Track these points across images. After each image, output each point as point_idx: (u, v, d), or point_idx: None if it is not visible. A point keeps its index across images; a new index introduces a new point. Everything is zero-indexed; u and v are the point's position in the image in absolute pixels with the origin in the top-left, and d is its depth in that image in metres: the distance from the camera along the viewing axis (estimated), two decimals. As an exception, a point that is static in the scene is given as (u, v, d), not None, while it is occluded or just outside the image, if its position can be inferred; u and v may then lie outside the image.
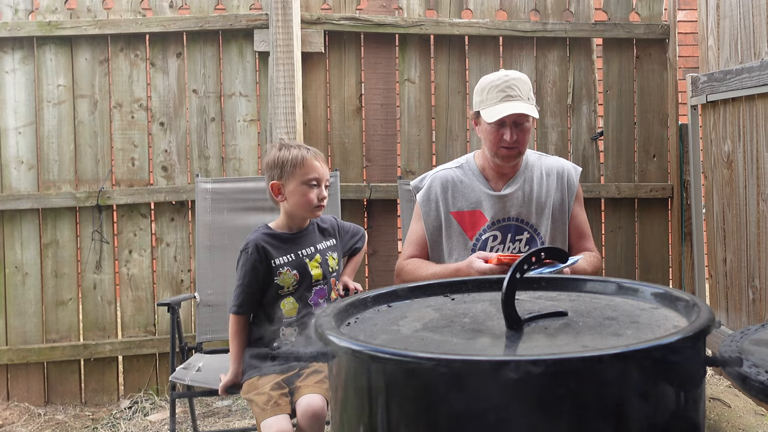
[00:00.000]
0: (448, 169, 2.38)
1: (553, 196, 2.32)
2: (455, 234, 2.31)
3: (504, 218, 2.29)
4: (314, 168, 2.11)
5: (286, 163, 2.11)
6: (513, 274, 1.15)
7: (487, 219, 2.28)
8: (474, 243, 2.29)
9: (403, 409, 1.01)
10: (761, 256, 2.83)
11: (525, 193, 2.30)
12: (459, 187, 2.33)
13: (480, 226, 2.28)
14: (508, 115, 2.15)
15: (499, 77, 2.23)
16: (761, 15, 2.78)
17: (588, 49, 3.57)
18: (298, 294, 2.14)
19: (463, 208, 2.31)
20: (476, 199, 2.30)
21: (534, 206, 2.30)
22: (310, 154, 2.13)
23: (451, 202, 2.32)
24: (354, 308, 1.32)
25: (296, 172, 2.10)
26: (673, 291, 1.28)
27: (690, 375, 1.04)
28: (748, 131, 2.91)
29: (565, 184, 2.34)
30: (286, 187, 2.12)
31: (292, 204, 2.13)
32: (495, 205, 2.28)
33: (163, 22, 3.35)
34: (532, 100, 2.24)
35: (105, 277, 3.39)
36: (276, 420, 1.93)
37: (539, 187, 2.32)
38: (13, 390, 3.36)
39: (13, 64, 3.36)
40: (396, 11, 3.58)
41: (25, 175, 3.36)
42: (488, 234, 2.28)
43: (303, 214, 2.16)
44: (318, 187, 2.12)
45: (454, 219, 2.31)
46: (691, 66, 5.08)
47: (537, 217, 2.30)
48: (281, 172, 2.12)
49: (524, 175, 2.32)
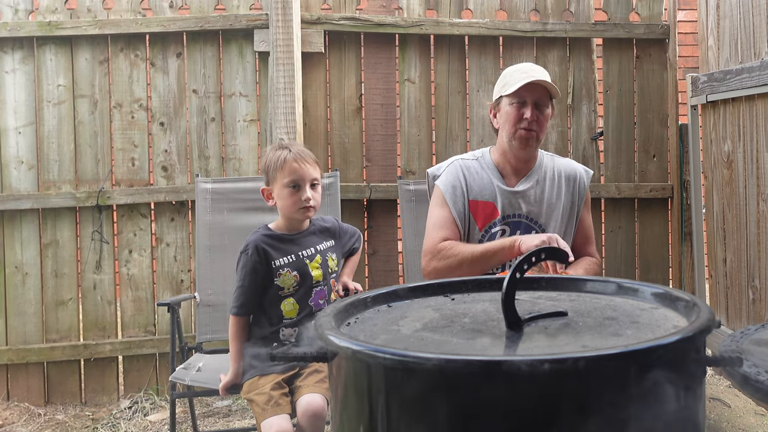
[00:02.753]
0: (467, 159, 2.39)
1: (564, 198, 2.32)
2: (470, 223, 2.32)
3: (515, 214, 2.29)
4: (293, 170, 2.08)
5: (269, 167, 2.11)
6: (513, 274, 1.15)
7: (498, 213, 2.29)
8: (482, 234, 2.29)
9: (403, 409, 1.01)
10: (761, 256, 2.83)
11: (537, 193, 2.31)
12: (476, 177, 2.33)
13: (491, 218, 2.29)
14: (530, 93, 2.20)
15: (521, 65, 2.29)
16: (761, 15, 2.78)
17: (588, 49, 3.57)
18: (298, 295, 2.13)
19: (478, 198, 2.31)
20: (491, 192, 2.30)
21: (545, 206, 2.30)
22: (291, 156, 2.09)
23: (470, 191, 2.32)
24: (354, 308, 1.32)
25: (277, 176, 2.10)
26: (673, 291, 1.28)
27: (690, 375, 1.04)
28: (748, 131, 2.91)
29: (577, 188, 2.35)
30: (273, 191, 2.13)
31: (280, 207, 2.13)
32: (507, 200, 2.29)
33: (163, 22, 3.35)
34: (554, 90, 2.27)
35: (105, 277, 3.39)
36: (276, 420, 1.93)
37: (551, 189, 2.32)
38: (13, 390, 3.36)
39: (13, 64, 3.36)
40: (396, 11, 3.58)
41: (25, 175, 3.36)
42: (498, 228, 2.28)
43: (292, 216, 2.14)
44: (300, 189, 2.09)
45: (469, 207, 2.31)
46: (691, 66, 5.08)
47: (546, 217, 2.30)
48: (267, 176, 2.13)
49: (538, 174, 2.33)
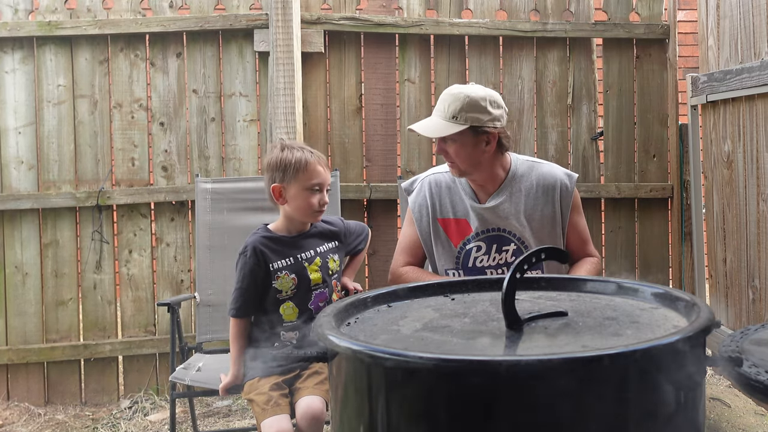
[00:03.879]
0: (439, 174, 2.32)
1: (543, 208, 2.23)
2: (442, 241, 2.27)
3: (489, 229, 2.23)
4: (317, 173, 2.07)
5: (289, 166, 2.06)
6: (513, 274, 1.15)
7: (472, 229, 2.23)
8: (458, 251, 2.24)
9: (403, 409, 1.01)
10: (761, 256, 2.83)
11: (511, 205, 2.22)
12: (447, 194, 2.27)
13: (465, 235, 2.24)
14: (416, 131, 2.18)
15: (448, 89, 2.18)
16: (761, 15, 2.78)
17: (588, 49, 3.57)
18: (297, 298, 2.11)
19: (449, 216, 2.26)
20: (463, 208, 2.25)
21: (522, 218, 2.22)
22: (313, 158, 2.08)
23: (439, 209, 2.27)
24: (354, 308, 1.32)
25: (299, 177, 2.06)
26: (673, 291, 1.28)
27: (690, 375, 1.04)
28: (748, 131, 2.91)
29: (558, 195, 2.23)
30: (288, 190, 2.08)
31: (292, 208, 2.10)
32: (480, 217, 2.22)
33: (163, 22, 3.35)
34: (464, 120, 2.09)
35: (105, 277, 3.39)
36: (276, 420, 1.93)
37: (527, 200, 2.23)
38: (13, 390, 3.36)
39: (13, 64, 3.36)
40: (396, 11, 3.58)
41: (25, 175, 3.36)
42: (473, 244, 2.23)
43: (303, 219, 2.13)
44: (320, 193, 2.08)
45: (440, 226, 2.26)
46: (691, 66, 5.08)
47: (524, 228, 2.22)
48: (283, 175, 2.07)
49: (511, 187, 2.23)
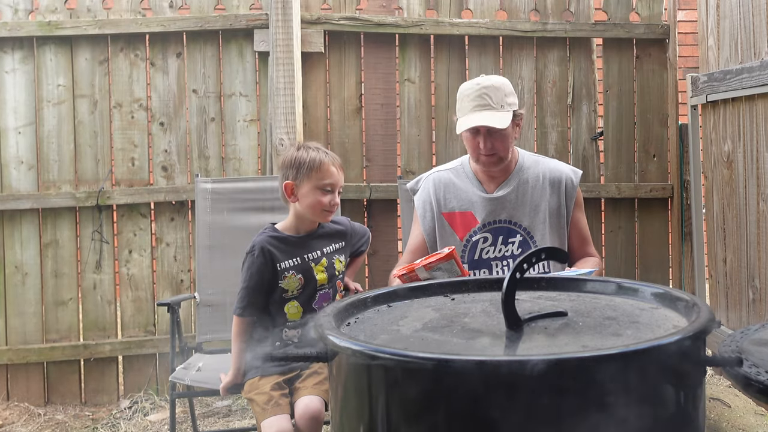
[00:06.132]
0: (442, 171, 2.39)
1: (549, 200, 2.29)
2: (447, 235, 2.30)
3: (495, 220, 2.27)
4: (331, 173, 2.09)
5: (303, 165, 2.08)
6: (513, 274, 1.15)
7: (478, 221, 2.27)
8: (464, 244, 2.28)
9: (403, 409, 1.01)
10: (761, 256, 2.83)
11: (518, 196, 2.28)
12: (451, 188, 2.32)
13: (471, 227, 2.27)
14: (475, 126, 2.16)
15: (472, 86, 2.21)
16: (761, 15, 2.78)
17: (588, 49, 3.57)
18: (302, 298, 2.12)
19: (454, 209, 2.30)
20: (468, 201, 2.29)
21: (528, 209, 2.27)
22: (328, 159, 2.10)
23: (443, 203, 2.32)
24: (354, 308, 1.32)
25: (312, 175, 2.08)
26: (673, 291, 1.28)
27: (690, 375, 1.04)
28: (748, 131, 2.91)
29: (563, 189, 2.31)
30: (300, 188, 2.10)
31: (303, 206, 2.11)
32: (487, 207, 2.27)
33: (163, 22, 3.35)
34: (508, 106, 2.20)
35: (105, 277, 3.38)
36: (276, 420, 1.93)
37: (533, 190, 2.29)
38: (13, 390, 3.35)
39: (13, 64, 3.35)
40: (396, 11, 3.58)
41: (25, 175, 3.36)
42: (479, 236, 2.27)
43: (313, 218, 2.14)
44: (332, 193, 2.11)
45: (445, 220, 2.30)
46: (691, 66, 5.07)
47: (531, 220, 2.27)
48: (297, 172, 2.09)
49: (518, 178, 2.30)
